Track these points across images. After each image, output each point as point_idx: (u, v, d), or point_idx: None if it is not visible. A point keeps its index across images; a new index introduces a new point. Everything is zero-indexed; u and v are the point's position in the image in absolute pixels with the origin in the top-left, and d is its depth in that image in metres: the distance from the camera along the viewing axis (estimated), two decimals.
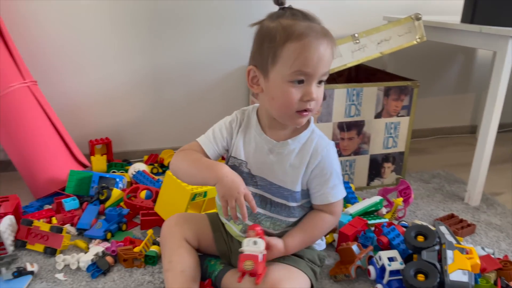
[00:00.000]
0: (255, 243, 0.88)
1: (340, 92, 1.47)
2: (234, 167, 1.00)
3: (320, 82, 0.90)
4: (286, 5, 0.91)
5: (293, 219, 1.01)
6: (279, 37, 0.86)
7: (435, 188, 1.68)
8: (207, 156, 0.99)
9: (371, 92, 1.51)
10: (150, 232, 1.25)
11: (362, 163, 1.60)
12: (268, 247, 0.91)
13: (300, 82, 0.88)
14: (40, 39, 1.64)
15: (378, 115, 1.55)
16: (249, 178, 0.99)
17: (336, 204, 0.99)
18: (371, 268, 1.11)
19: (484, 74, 2.23)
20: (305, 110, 0.90)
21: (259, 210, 0.99)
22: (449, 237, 1.09)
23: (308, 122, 0.99)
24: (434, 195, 1.62)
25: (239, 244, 1.06)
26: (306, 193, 1.00)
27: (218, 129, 1.03)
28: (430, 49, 2.07)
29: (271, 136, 0.97)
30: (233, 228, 1.06)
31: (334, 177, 0.97)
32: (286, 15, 0.89)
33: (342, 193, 0.99)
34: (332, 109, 1.48)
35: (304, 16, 0.89)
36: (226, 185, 0.87)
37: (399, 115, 1.58)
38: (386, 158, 1.63)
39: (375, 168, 1.63)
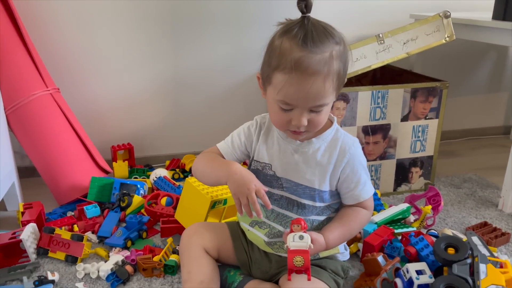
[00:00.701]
0: (301, 237, 0.84)
1: (365, 94, 1.42)
2: (257, 171, 1.00)
3: (314, 111, 0.86)
4: (308, 13, 0.84)
5: (320, 219, 0.98)
6: (274, 61, 0.84)
7: (466, 194, 1.60)
8: None
9: (397, 94, 1.45)
10: (170, 240, 1.24)
11: (389, 168, 1.54)
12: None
13: (287, 110, 0.86)
14: (61, 46, 1.66)
15: (404, 118, 1.49)
16: (274, 181, 0.97)
17: (369, 200, 0.98)
18: (397, 280, 1.05)
19: None
20: (297, 131, 0.89)
21: (285, 212, 0.98)
22: (482, 249, 1.02)
23: (331, 121, 0.97)
24: (466, 201, 1.54)
25: (260, 253, 1.04)
26: (335, 194, 0.98)
27: (236, 134, 1.03)
28: (460, 47, 1.98)
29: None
30: (258, 234, 1.03)
31: (364, 174, 0.96)
32: (294, 32, 0.82)
33: (372, 188, 0.99)
34: (356, 112, 1.43)
35: (310, 38, 0.81)
36: (236, 182, 0.86)
37: (427, 117, 1.51)
38: (413, 162, 1.56)
39: (402, 173, 1.56)
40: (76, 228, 1.32)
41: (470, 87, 2.13)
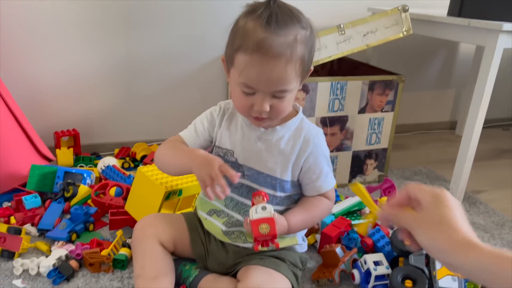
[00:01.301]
0: (264, 208, 0.80)
1: (324, 85, 1.40)
2: (219, 158, 0.94)
3: (277, 96, 0.83)
4: None
5: (280, 209, 0.96)
6: (236, 42, 0.81)
7: None
8: None
9: (355, 86, 1.45)
10: (119, 233, 1.16)
11: (345, 160, 1.54)
12: None
13: (249, 93, 0.83)
14: None
15: (362, 110, 1.49)
16: (236, 168, 0.94)
17: (331, 191, 0.97)
18: (355, 272, 1.05)
19: (465, 70, 2.21)
20: (259, 117, 0.86)
21: (245, 201, 0.95)
22: None
23: (296, 111, 0.96)
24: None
25: (217, 244, 1.00)
26: (296, 184, 0.96)
27: (199, 121, 0.99)
28: (413, 43, 2.03)
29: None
30: (215, 223, 0.99)
31: (326, 165, 0.95)
32: (259, 13, 0.80)
33: (334, 180, 0.98)
34: (315, 103, 1.41)
35: (275, 19, 0.78)
36: (199, 164, 0.82)
37: (384, 110, 1.52)
38: (369, 154, 1.57)
39: (358, 165, 1.57)
40: (13, 220, 1.20)
41: (420, 83, 2.20)
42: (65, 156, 1.54)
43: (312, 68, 0.89)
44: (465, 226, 0.59)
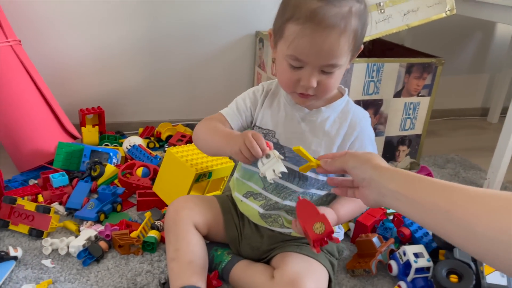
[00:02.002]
0: (267, 156, 0.76)
1: (359, 67, 1.34)
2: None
3: (325, 72, 0.79)
4: None
5: (321, 193, 0.92)
6: (288, 12, 0.77)
7: (450, 174, 1.58)
8: (231, 128, 0.92)
9: (392, 69, 1.38)
10: (148, 214, 1.13)
11: (377, 146, 1.47)
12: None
13: (296, 67, 0.79)
14: None
15: (397, 94, 1.43)
16: (277, 150, 0.89)
17: None
18: (392, 263, 1.01)
19: (501, 55, 2.11)
20: (305, 94, 0.82)
21: (286, 183, 0.91)
22: None
23: (341, 93, 0.92)
24: (451, 182, 1.52)
25: (251, 227, 0.97)
26: None
27: (241, 100, 0.95)
28: (449, 24, 1.93)
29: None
30: (252, 205, 0.95)
31: (372, 149, 0.91)
32: None
33: None
34: (349, 86, 1.35)
35: None
36: (234, 139, 0.79)
37: (420, 94, 1.46)
38: (402, 140, 1.51)
39: (390, 151, 1.52)
40: (40, 198, 1.19)
41: (454, 66, 2.11)
42: (90, 134, 1.51)
43: (362, 46, 0.84)
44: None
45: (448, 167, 1.64)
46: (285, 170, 0.76)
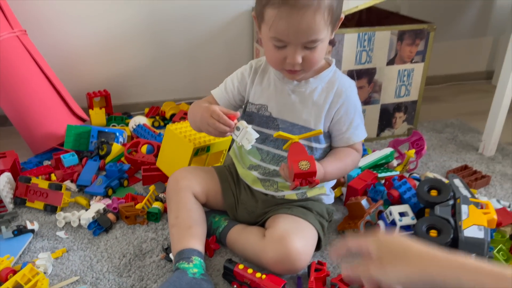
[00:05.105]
0: (237, 129, 0.86)
1: (350, 37, 1.37)
2: (252, 114, 1.00)
3: (308, 47, 0.84)
4: None
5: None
6: None
7: (448, 138, 1.61)
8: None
9: (383, 37, 1.40)
10: (152, 188, 1.21)
11: (373, 113, 1.52)
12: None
13: (281, 47, 0.85)
14: None
15: (390, 62, 1.45)
16: (271, 122, 0.98)
17: (359, 143, 0.99)
18: (380, 223, 1.07)
19: (504, 17, 2.08)
20: (292, 70, 0.88)
21: (281, 153, 0.98)
22: (464, 191, 1.03)
23: (328, 63, 0.97)
24: (447, 146, 1.55)
25: (247, 193, 1.05)
26: (327, 136, 0.99)
27: (230, 79, 1.03)
28: None
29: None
30: (252, 173, 1.02)
31: (357, 116, 0.97)
32: None
33: (364, 133, 0.99)
34: (341, 56, 1.38)
35: None
36: (201, 119, 0.90)
37: (413, 61, 1.48)
38: (397, 107, 1.54)
39: (386, 118, 1.55)
40: (53, 177, 1.28)
41: (454, 31, 2.09)
42: (98, 116, 1.59)
43: (343, 16, 0.89)
44: (418, 244, 0.62)
45: (447, 132, 1.66)
46: (257, 136, 0.84)
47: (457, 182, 1.08)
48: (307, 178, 0.80)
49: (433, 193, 1.02)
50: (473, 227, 0.91)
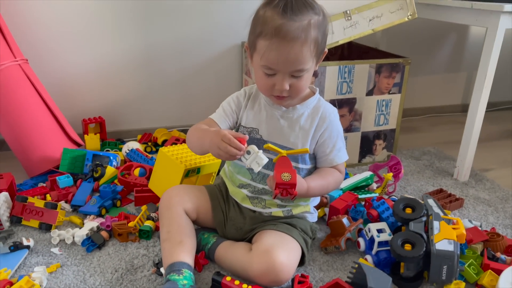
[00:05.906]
0: (248, 153, 0.89)
1: (332, 69, 1.48)
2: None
3: (295, 76, 0.95)
4: None
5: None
6: (258, 29, 0.94)
7: (425, 165, 1.70)
8: None
9: (362, 70, 1.52)
10: (144, 207, 1.27)
11: (354, 140, 1.62)
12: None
13: (270, 74, 0.94)
14: (29, 15, 1.63)
15: (369, 93, 1.56)
16: (261, 144, 1.04)
17: (342, 165, 1.08)
18: (360, 240, 1.13)
19: (477, 53, 2.23)
20: (280, 96, 0.98)
21: (271, 173, 1.03)
22: (436, 209, 1.11)
23: (313, 92, 1.08)
24: (424, 171, 1.64)
25: (235, 210, 1.11)
26: (313, 158, 1.07)
27: (226, 104, 1.11)
28: (423, 26, 2.07)
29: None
30: (242, 191, 1.08)
31: (340, 140, 1.07)
32: (275, 2, 0.92)
33: (346, 155, 1.08)
34: (324, 86, 1.49)
35: (290, 7, 0.90)
36: (210, 143, 0.92)
37: (391, 92, 1.59)
38: (377, 135, 1.64)
39: (367, 145, 1.65)
40: (48, 197, 1.33)
41: (431, 66, 2.24)
42: (92, 141, 1.66)
43: (326, 50, 1.00)
44: None
45: (424, 159, 1.76)
46: (267, 160, 0.90)
47: (430, 202, 1.16)
48: (287, 189, 0.89)
49: (408, 210, 1.10)
50: (444, 241, 0.98)
